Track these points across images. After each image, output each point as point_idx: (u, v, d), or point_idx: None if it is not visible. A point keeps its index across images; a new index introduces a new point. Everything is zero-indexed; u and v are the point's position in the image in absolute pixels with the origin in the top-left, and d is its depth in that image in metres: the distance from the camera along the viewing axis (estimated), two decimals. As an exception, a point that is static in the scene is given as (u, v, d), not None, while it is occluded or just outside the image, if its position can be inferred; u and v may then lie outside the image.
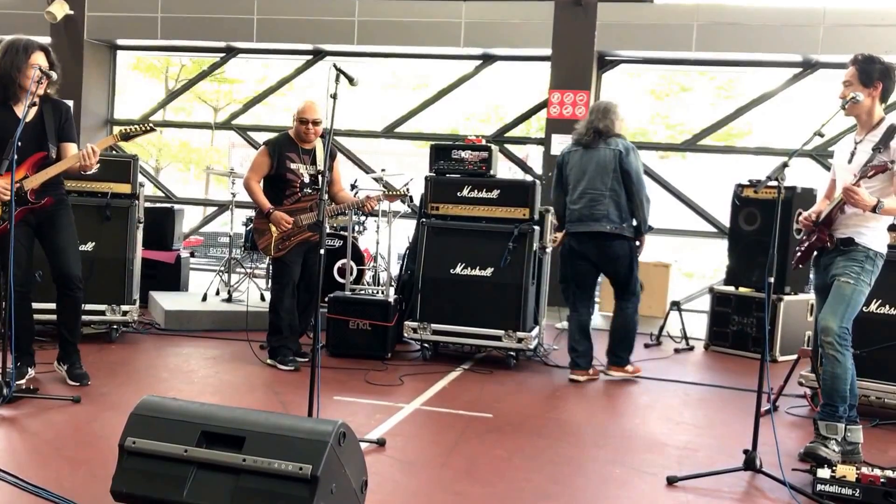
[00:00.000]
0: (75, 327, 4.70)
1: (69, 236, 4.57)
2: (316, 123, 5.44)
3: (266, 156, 5.47)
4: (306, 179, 5.50)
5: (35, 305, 4.69)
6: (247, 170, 5.65)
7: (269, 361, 5.51)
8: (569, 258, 5.64)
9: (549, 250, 6.19)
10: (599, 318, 7.76)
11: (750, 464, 3.70)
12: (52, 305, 4.66)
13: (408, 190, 5.81)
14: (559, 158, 5.77)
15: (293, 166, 5.47)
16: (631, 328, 5.67)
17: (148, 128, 4.49)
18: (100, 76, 10.80)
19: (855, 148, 4.04)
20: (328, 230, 6.64)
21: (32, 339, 4.71)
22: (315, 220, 5.26)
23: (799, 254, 4.24)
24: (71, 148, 4.52)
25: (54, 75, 4.31)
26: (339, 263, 7.34)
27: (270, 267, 6.44)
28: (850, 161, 4.03)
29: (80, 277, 4.58)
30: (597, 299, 8.11)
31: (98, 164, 4.43)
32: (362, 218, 7.92)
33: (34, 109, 4.40)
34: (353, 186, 7.67)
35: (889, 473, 3.51)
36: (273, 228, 5.39)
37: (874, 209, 3.78)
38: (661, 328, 7.25)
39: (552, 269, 6.49)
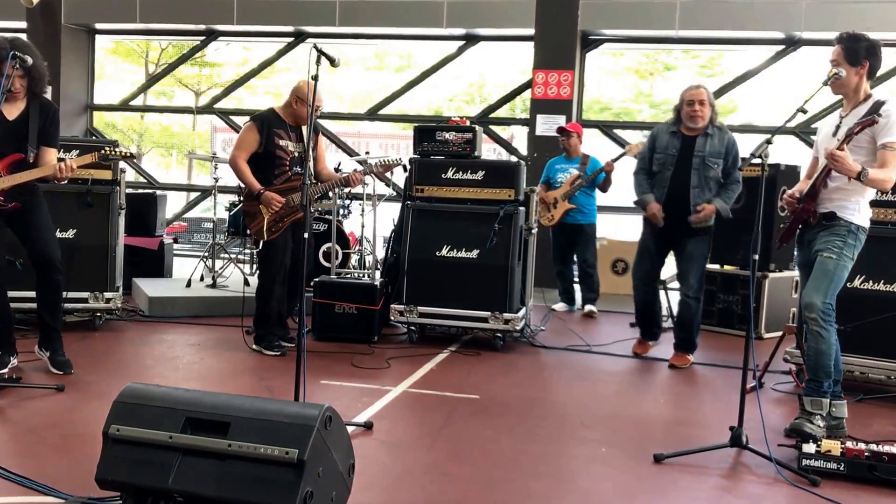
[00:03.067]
0: (57, 312, 4.62)
1: (44, 221, 4.49)
2: (317, 108, 5.32)
3: (254, 132, 5.23)
4: (298, 157, 5.33)
5: (16, 294, 4.63)
6: (232, 147, 5.40)
7: (254, 347, 5.46)
8: None
9: (534, 231, 6.16)
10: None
11: (736, 440, 3.71)
12: (33, 294, 4.58)
13: (400, 159, 5.65)
14: None
15: (282, 143, 5.28)
16: None
17: (127, 153, 4.60)
18: (78, 61, 10.66)
19: (840, 122, 4.04)
20: (314, 213, 6.55)
21: (12, 328, 4.62)
22: (314, 196, 5.20)
23: (783, 230, 4.25)
24: (50, 153, 4.43)
25: (29, 60, 4.22)
26: (324, 247, 7.31)
27: (256, 252, 6.28)
28: (834, 134, 4.03)
29: (60, 260, 4.50)
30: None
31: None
32: (347, 201, 7.86)
33: (21, 107, 4.36)
34: (336, 170, 7.61)
35: (873, 447, 3.53)
36: (264, 210, 5.23)
37: (859, 177, 3.77)
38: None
39: (538, 250, 6.48)
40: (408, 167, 5.87)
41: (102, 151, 4.47)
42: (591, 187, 7.42)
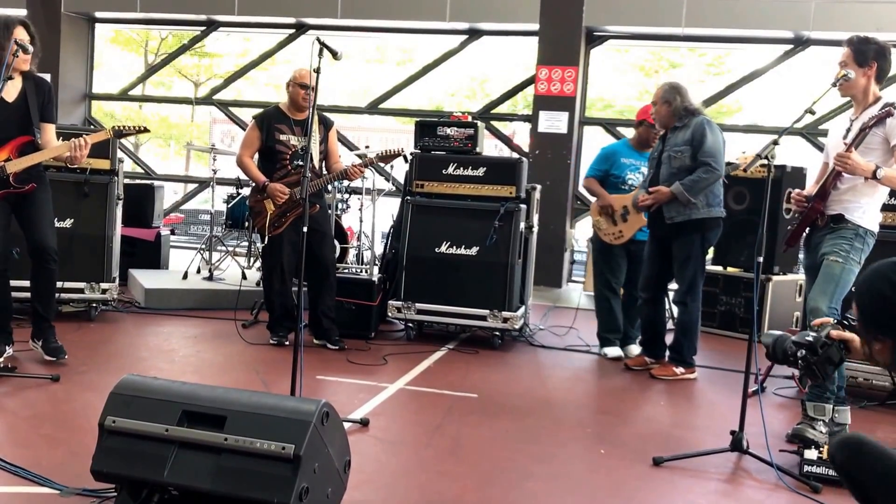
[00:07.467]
0: (50, 302, 4.60)
1: (45, 210, 4.47)
2: (307, 89, 5.24)
3: (255, 129, 5.37)
4: (300, 151, 5.29)
5: (12, 283, 4.58)
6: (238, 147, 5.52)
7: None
8: None
9: (535, 229, 6.10)
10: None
11: (737, 445, 3.68)
12: (27, 283, 4.54)
13: (402, 150, 5.46)
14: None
15: (283, 137, 5.33)
16: None
17: (142, 128, 4.57)
18: (77, 50, 10.58)
19: (850, 125, 4.00)
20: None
21: (10, 317, 4.59)
22: (313, 190, 5.12)
23: (790, 232, 4.21)
24: (49, 129, 4.40)
25: (31, 48, 4.19)
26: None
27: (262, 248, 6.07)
28: (845, 137, 3.99)
29: (55, 250, 4.47)
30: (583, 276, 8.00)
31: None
32: (346, 196, 7.79)
33: (18, 87, 4.31)
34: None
35: (876, 454, 3.50)
36: (269, 206, 5.25)
37: (874, 175, 3.72)
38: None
39: (538, 249, 6.42)
40: (409, 157, 5.75)
41: (116, 127, 4.48)
42: None
